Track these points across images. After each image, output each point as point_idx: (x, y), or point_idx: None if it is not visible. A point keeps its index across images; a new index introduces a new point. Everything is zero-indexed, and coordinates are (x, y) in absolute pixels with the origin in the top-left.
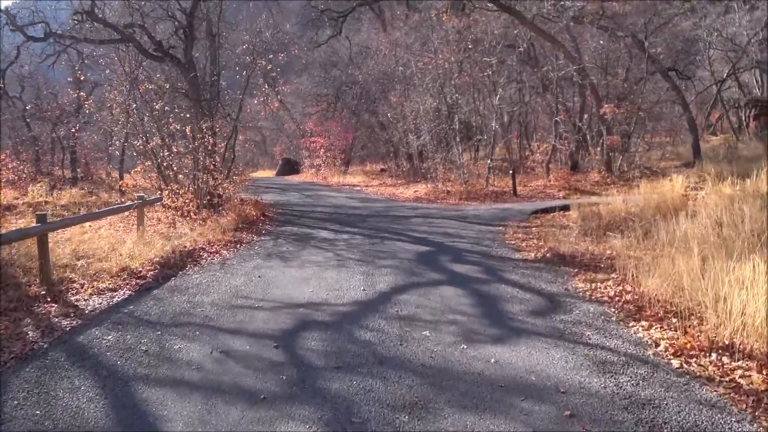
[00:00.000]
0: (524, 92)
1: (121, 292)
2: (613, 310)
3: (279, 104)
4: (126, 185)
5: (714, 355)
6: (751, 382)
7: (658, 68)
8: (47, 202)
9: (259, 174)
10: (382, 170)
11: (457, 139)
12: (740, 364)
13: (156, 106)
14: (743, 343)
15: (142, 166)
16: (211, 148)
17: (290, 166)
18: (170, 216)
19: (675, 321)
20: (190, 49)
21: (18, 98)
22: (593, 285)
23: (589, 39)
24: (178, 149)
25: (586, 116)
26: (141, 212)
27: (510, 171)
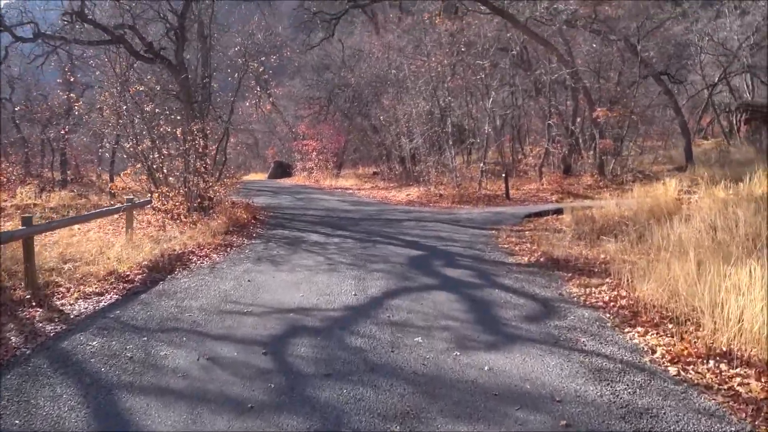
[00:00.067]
0: (517, 95)
1: (108, 297)
2: (608, 315)
3: (271, 107)
4: (115, 187)
5: (712, 362)
6: (750, 390)
7: (650, 72)
8: (36, 205)
9: (251, 177)
10: (374, 173)
11: (450, 143)
12: (738, 371)
13: (147, 108)
14: (741, 349)
15: (132, 169)
16: (202, 150)
17: (282, 169)
18: (160, 219)
19: (671, 327)
20: (182, 50)
21: (8, 100)
22: (587, 290)
23: (582, 42)
24: (168, 151)
25: (579, 120)
26: (130, 215)
27: (503, 174)
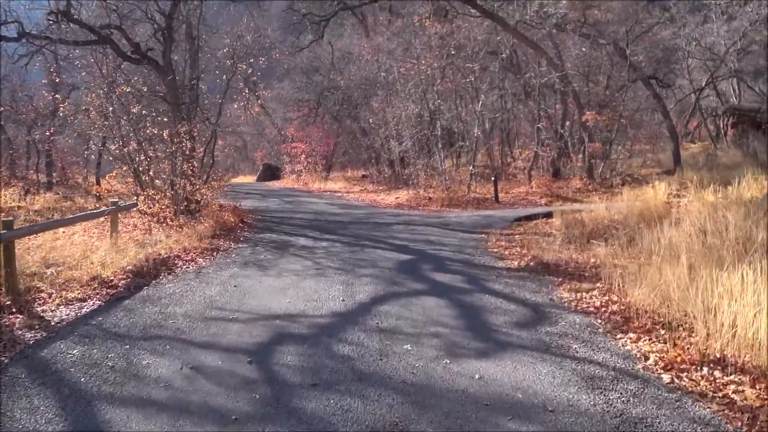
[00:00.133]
0: (506, 99)
1: (91, 303)
2: (599, 321)
3: (260, 109)
4: (100, 190)
5: (705, 369)
6: (745, 398)
7: (639, 76)
8: (20, 207)
9: (239, 179)
10: (363, 176)
11: (439, 146)
12: (733, 378)
13: (133, 110)
14: (735, 356)
15: (117, 171)
16: (189, 152)
17: (271, 172)
18: (146, 222)
19: (664, 333)
20: (169, 51)
21: None
22: (578, 295)
23: (572, 46)
24: (155, 154)
25: (568, 123)
26: (114, 218)
27: (492, 178)
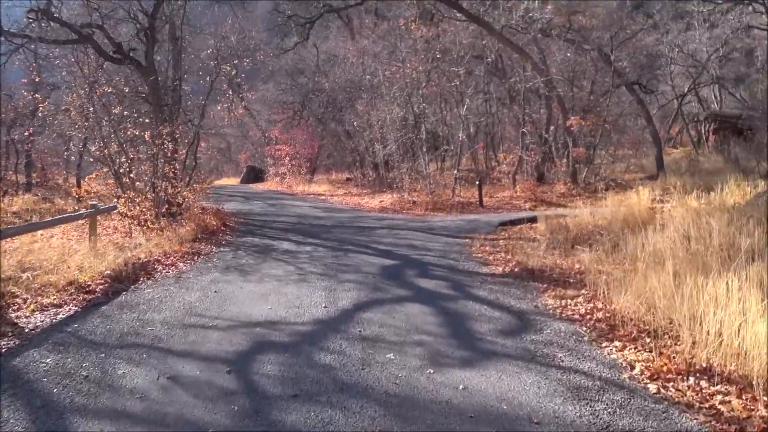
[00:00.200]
0: (491, 103)
1: (67, 309)
2: (584, 329)
3: (244, 111)
4: (79, 192)
5: (692, 378)
6: (732, 409)
7: (623, 81)
8: None
9: (223, 181)
10: (347, 179)
11: (424, 149)
12: (719, 388)
13: (115, 111)
14: (721, 365)
15: (97, 173)
16: (171, 154)
17: (255, 174)
18: (127, 225)
19: (649, 341)
20: (152, 52)
21: None
22: (563, 302)
23: (556, 51)
24: (137, 155)
25: (553, 128)
26: (93, 221)
27: (476, 182)
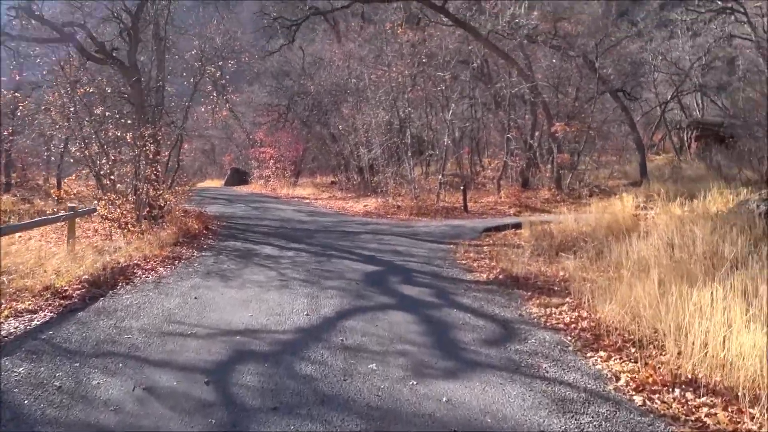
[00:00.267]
0: (476, 108)
1: (42, 314)
2: (569, 338)
3: (228, 113)
4: (59, 194)
5: (677, 390)
6: (718, 422)
7: (607, 88)
8: None
9: (207, 184)
10: (332, 183)
11: (409, 154)
12: (705, 400)
13: (96, 111)
14: (706, 376)
15: (77, 174)
16: (153, 156)
17: (239, 177)
18: (107, 228)
19: (634, 351)
20: (135, 51)
21: None
22: (548, 310)
23: (542, 58)
24: (118, 157)
25: (537, 134)
26: (72, 224)
27: (461, 187)
